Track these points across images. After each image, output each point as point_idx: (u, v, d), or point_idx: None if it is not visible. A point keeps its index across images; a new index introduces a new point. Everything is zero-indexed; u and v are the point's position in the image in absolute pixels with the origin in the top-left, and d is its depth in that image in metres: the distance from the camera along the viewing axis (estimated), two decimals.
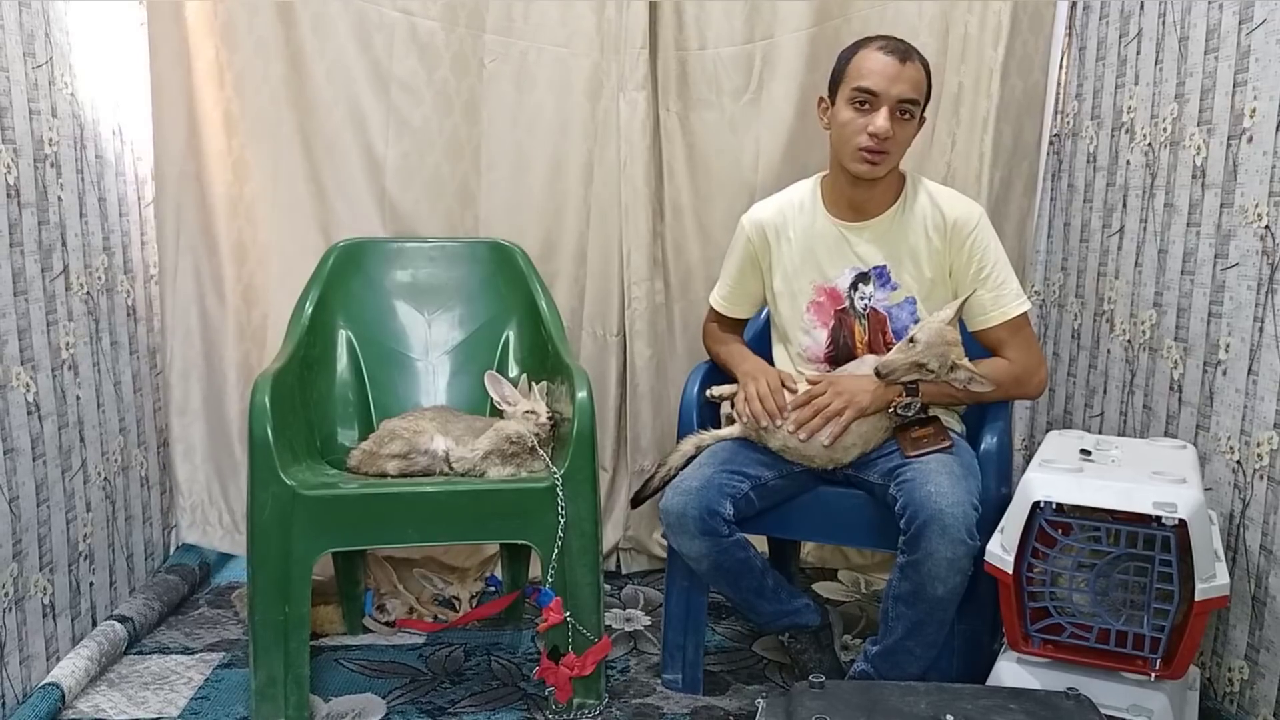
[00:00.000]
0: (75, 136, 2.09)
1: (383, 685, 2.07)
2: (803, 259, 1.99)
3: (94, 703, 1.98)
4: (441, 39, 2.46)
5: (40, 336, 1.95)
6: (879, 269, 1.94)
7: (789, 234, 2.00)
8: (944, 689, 1.45)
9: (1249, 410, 1.73)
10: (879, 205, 1.94)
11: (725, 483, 1.83)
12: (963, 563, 1.67)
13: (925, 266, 1.93)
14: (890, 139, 1.83)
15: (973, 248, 1.90)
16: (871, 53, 1.85)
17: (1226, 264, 1.80)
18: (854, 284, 1.96)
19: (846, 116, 1.86)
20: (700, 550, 1.82)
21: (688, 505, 1.80)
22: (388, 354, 2.32)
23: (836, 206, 1.97)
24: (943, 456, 1.79)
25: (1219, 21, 1.85)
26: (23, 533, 1.89)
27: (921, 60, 1.87)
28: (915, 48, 1.88)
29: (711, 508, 1.79)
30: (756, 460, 1.90)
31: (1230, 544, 1.77)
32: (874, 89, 1.83)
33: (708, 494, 1.81)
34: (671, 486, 1.86)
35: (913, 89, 1.84)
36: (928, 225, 1.92)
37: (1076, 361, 2.46)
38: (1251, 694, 1.72)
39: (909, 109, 1.84)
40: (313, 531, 1.83)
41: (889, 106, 1.82)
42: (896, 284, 1.94)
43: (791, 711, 1.39)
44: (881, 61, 1.83)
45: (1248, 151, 1.75)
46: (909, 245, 1.93)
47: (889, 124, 1.82)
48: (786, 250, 2.00)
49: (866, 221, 1.95)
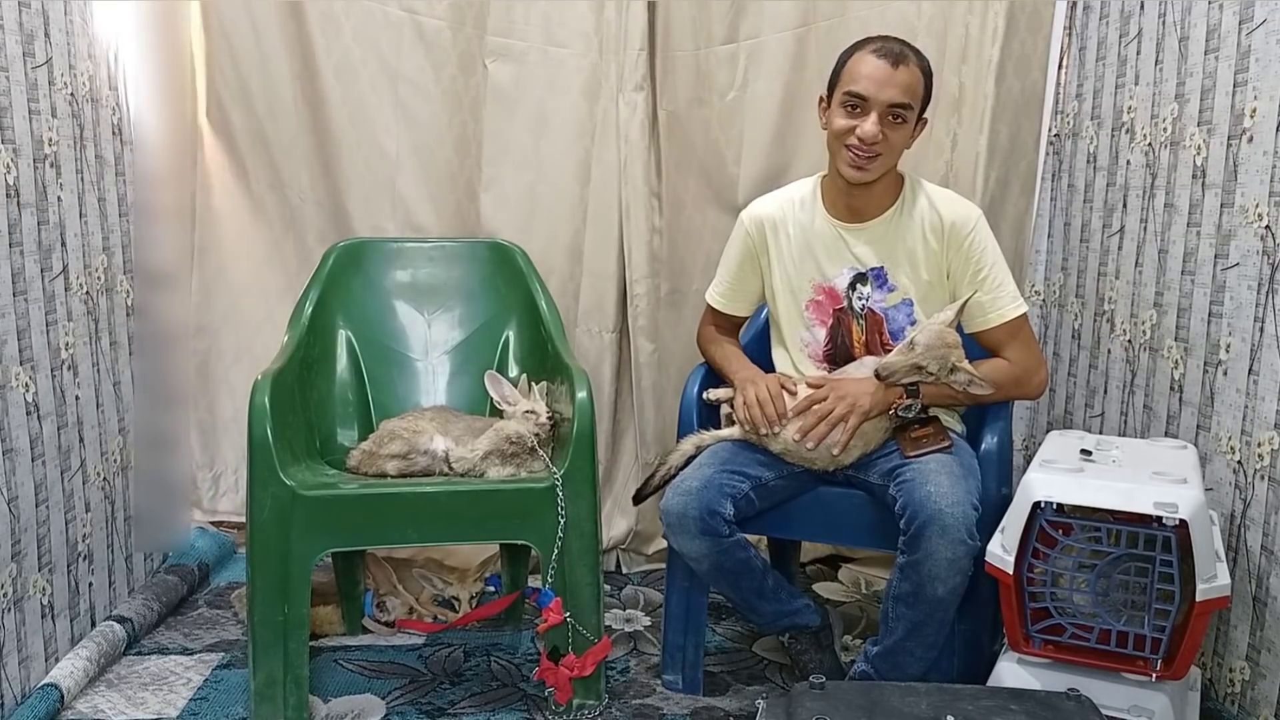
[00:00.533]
0: (75, 136, 2.09)
1: (382, 686, 2.06)
2: (801, 256, 1.98)
3: (93, 703, 1.97)
4: (448, 38, 2.47)
5: (40, 337, 1.95)
6: (876, 270, 1.94)
7: (788, 230, 2.00)
8: (945, 689, 1.45)
9: (1250, 410, 1.73)
10: (877, 207, 1.94)
11: (726, 483, 1.83)
12: (963, 562, 1.67)
13: (922, 269, 1.92)
14: (880, 143, 1.82)
15: (970, 250, 1.89)
16: (865, 56, 1.83)
17: (1227, 264, 1.80)
18: (852, 284, 1.96)
19: (838, 120, 1.86)
20: (701, 550, 1.82)
21: (688, 505, 1.80)
22: (387, 354, 2.32)
23: (835, 207, 1.97)
24: (942, 457, 1.79)
25: (1219, 21, 1.85)
26: (22, 533, 1.89)
27: (920, 62, 1.86)
28: (914, 50, 1.87)
29: (712, 508, 1.79)
30: (757, 461, 1.89)
31: (1231, 544, 1.77)
32: (864, 94, 1.81)
33: (708, 494, 1.80)
34: (672, 487, 1.86)
35: (905, 93, 1.82)
36: (925, 227, 1.91)
37: (1077, 362, 2.45)
38: (1253, 695, 1.72)
39: (901, 113, 1.83)
40: (312, 532, 1.83)
41: (879, 111, 1.81)
42: (893, 285, 1.94)
43: (792, 712, 1.39)
44: (873, 65, 1.81)
45: (1248, 151, 1.74)
46: (906, 247, 1.92)
47: (877, 129, 1.81)
48: (785, 246, 2.00)
49: (864, 223, 1.94)
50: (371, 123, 2.50)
